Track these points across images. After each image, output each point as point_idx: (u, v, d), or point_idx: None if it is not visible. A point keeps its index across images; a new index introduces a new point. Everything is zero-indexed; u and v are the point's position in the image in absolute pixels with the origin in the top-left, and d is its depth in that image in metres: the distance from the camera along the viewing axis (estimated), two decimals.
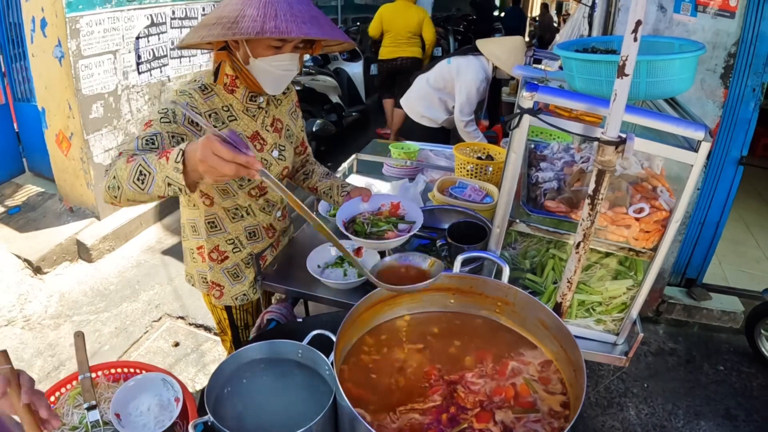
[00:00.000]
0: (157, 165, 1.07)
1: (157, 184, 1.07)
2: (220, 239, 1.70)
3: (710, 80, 2.83)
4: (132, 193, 1.12)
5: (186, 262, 1.85)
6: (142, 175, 1.09)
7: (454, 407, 1.05)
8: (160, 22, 4.15)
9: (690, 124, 1.18)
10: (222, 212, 1.66)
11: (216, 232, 1.68)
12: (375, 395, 1.09)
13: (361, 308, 1.19)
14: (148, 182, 1.09)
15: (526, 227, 1.38)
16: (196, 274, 1.81)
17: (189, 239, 1.77)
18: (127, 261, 3.88)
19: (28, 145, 4.37)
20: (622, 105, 0.99)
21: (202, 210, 1.65)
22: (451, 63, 3.52)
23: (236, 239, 1.72)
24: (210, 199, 1.62)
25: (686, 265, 3.49)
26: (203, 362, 2.94)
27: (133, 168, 1.11)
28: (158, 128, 1.34)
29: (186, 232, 1.76)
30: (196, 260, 1.78)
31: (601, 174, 1.05)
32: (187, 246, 1.80)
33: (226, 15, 1.34)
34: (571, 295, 1.27)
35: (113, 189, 1.15)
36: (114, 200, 1.18)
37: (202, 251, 1.73)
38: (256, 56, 1.42)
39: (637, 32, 0.96)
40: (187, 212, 1.72)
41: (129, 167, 1.11)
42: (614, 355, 1.47)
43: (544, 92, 1.18)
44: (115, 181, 1.15)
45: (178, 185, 1.04)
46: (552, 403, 1.08)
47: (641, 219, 1.29)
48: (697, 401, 2.82)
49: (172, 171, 1.04)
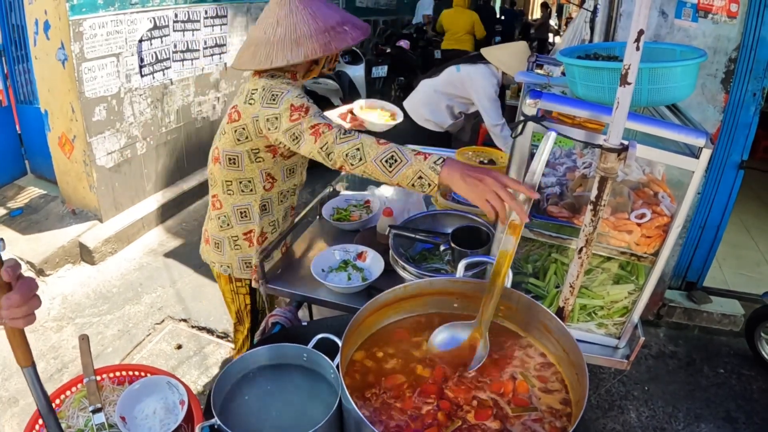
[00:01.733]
0: (413, 158, 1.31)
1: (406, 173, 1.31)
2: (265, 222, 1.88)
3: (711, 85, 2.84)
4: (373, 169, 1.35)
5: (218, 252, 1.94)
6: (394, 160, 1.32)
7: (449, 403, 1.07)
8: (162, 25, 4.17)
9: (691, 131, 1.20)
10: (276, 195, 1.87)
11: (265, 214, 1.87)
12: (381, 399, 1.10)
13: (365, 312, 1.20)
14: (397, 168, 1.32)
15: (528, 232, 1.39)
16: (238, 261, 1.92)
17: (234, 227, 1.88)
18: (130, 263, 3.90)
19: (30, 148, 4.38)
20: (624, 113, 1.01)
21: (258, 194, 1.82)
22: (461, 71, 3.53)
23: (276, 221, 1.92)
24: (272, 182, 1.81)
25: (687, 268, 3.51)
26: (206, 365, 2.95)
27: (386, 151, 1.34)
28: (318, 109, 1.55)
29: (230, 220, 1.87)
30: (241, 247, 1.90)
31: (604, 181, 1.06)
32: (228, 234, 1.89)
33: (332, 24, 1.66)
34: (573, 300, 1.28)
35: (353, 158, 1.37)
36: (348, 166, 1.39)
37: (251, 236, 1.88)
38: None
39: (640, 41, 0.97)
40: (238, 199, 1.83)
41: (381, 148, 1.35)
42: (615, 358, 1.48)
43: (548, 99, 1.20)
44: (359, 153, 1.36)
45: (429, 181, 1.29)
46: (552, 403, 1.09)
47: (643, 224, 1.30)
48: (697, 404, 2.83)
49: (428, 169, 1.28)
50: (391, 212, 1.85)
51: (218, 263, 1.96)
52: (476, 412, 1.04)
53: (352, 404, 0.95)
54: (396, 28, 9.52)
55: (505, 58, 3.35)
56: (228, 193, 1.83)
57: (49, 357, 2.90)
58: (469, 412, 1.05)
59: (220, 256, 1.94)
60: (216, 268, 1.99)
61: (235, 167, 1.76)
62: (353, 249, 1.83)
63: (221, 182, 1.82)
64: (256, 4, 5.33)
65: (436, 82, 3.68)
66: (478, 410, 1.05)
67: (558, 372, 1.17)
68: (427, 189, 1.30)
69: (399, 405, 1.07)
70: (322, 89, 5.77)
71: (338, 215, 2.13)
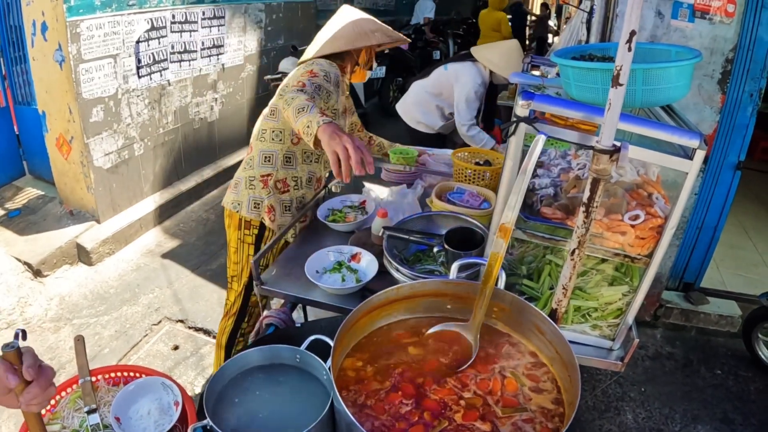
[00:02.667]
0: (314, 111, 1.56)
1: (302, 120, 1.55)
2: (288, 174, 2.12)
3: (708, 86, 2.84)
4: (290, 114, 1.62)
5: (235, 191, 2.16)
6: (303, 109, 1.58)
7: (437, 403, 1.07)
8: (160, 26, 4.17)
9: (685, 133, 1.20)
10: (300, 153, 2.12)
11: (288, 167, 2.11)
12: (372, 400, 1.09)
13: (358, 314, 1.20)
14: (302, 115, 1.56)
15: (522, 234, 1.39)
16: (248, 200, 2.12)
17: (255, 168, 2.11)
18: (127, 264, 3.90)
19: (28, 148, 4.38)
20: (616, 114, 1.01)
21: (286, 145, 2.08)
22: (448, 69, 3.54)
23: (300, 179, 2.15)
24: (300, 138, 2.02)
25: (684, 269, 3.51)
26: (202, 366, 2.95)
27: (303, 103, 1.61)
28: (321, 82, 1.88)
29: (254, 162, 2.11)
30: (255, 187, 2.11)
31: (596, 182, 1.06)
32: (248, 175, 2.12)
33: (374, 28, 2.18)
34: (566, 302, 1.28)
35: (286, 102, 1.66)
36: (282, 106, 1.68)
37: (268, 179, 2.09)
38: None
39: (632, 42, 0.97)
40: (267, 145, 2.10)
41: (302, 102, 1.61)
42: (610, 360, 1.48)
43: (540, 101, 1.19)
44: (291, 101, 1.64)
45: (312, 130, 1.50)
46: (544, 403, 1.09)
47: (637, 226, 1.30)
48: (694, 405, 2.83)
49: (315, 123, 1.50)
50: (385, 213, 1.85)
51: (231, 202, 2.16)
52: (464, 413, 1.04)
53: (342, 406, 0.95)
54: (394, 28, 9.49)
55: (495, 58, 3.35)
56: (261, 140, 2.11)
57: (47, 358, 2.90)
58: (458, 412, 1.05)
59: (235, 194, 2.16)
60: (228, 207, 2.18)
61: (273, 118, 2.08)
62: (347, 250, 1.83)
63: (259, 131, 2.12)
64: (253, 5, 5.34)
65: (426, 83, 3.68)
66: (466, 411, 1.05)
67: (550, 372, 1.17)
68: (309, 137, 1.52)
69: (389, 406, 1.07)
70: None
71: (333, 216, 2.13)
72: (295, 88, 1.74)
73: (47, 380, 0.90)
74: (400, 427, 1.03)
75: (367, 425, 1.03)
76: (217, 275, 3.72)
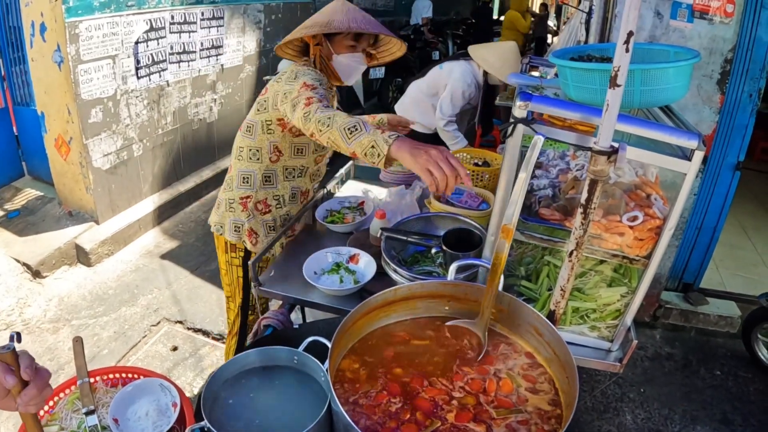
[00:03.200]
0: (372, 129, 1.40)
1: (362, 141, 1.38)
2: (269, 193, 2.02)
3: (707, 86, 2.84)
4: (336, 136, 1.43)
5: (218, 212, 2.09)
6: (355, 128, 1.41)
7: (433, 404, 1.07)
8: (159, 27, 4.17)
9: (683, 133, 1.19)
10: (281, 170, 2.01)
11: (268, 186, 2.01)
12: (370, 402, 1.09)
13: (356, 315, 1.19)
14: (356, 136, 1.40)
15: (520, 235, 1.38)
16: (229, 223, 2.04)
17: (234, 190, 2.02)
18: (126, 265, 3.89)
19: (27, 149, 4.38)
20: (614, 115, 1.01)
21: (264, 164, 1.97)
22: (443, 68, 3.55)
23: (282, 197, 2.04)
24: (279, 155, 1.96)
25: (683, 269, 3.51)
26: (201, 366, 2.94)
27: (351, 121, 1.43)
28: (323, 92, 1.69)
29: (233, 183, 2.02)
30: (235, 210, 2.03)
31: (594, 184, 1.06)
32: (227, 197, 2.04)
33: (320, 21, 1.85)
34: (564, 303, 1.27)
35: (323, 124, 1.47)
36: (316, 132, 1.50)
37: (247, 201, 2.01)
38: (338, 53, 1.93)
39: (629, 43, 0.97)
40: (245, 164, 1.99)
41: (348, 120, 1.44)
42: (608, 361, 1.48)
43: (538, 102, 1.19)
44: (329, 120, 1.46)
45: (380, 151, 1.35)
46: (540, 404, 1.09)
47: (635, 227, 1.30)
48: (693, 406, 2.83)
49: (381, 141, 1.35)
50: (383, 215, 1.85)
51: (214, 223, 2.11)
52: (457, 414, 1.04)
53: (340, 408, 0.95)
54: (393, 29, 9.51)
55: (491, 58, 3.35)
56: (238, 159, 2.01)
57: (45, 359, 2.89)
58: (450, 412, 1.05)
59: (218, 215, 2.09)
60: (213, 228, 2.12)
61: (249, 135, 1.96)
62: (346, 251, 1.82)
63: (236, 148, 2.02)
64: (252, 6, 5.33)
65: (422, 83, 3.69)
66: (459, 413, 1.05)
67: (548, 374, 1.16)
68: (376, 159, 1.35)
69: (386, 408, 1.07)
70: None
71: (331, 217, 2.13)
72: (316, 105, 1.56)
73: (44, 381, 0.90)
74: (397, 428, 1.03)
75: (364, 426, 1.02)
76: (216, 276, 3.71)
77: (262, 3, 5.48)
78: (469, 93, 3.48)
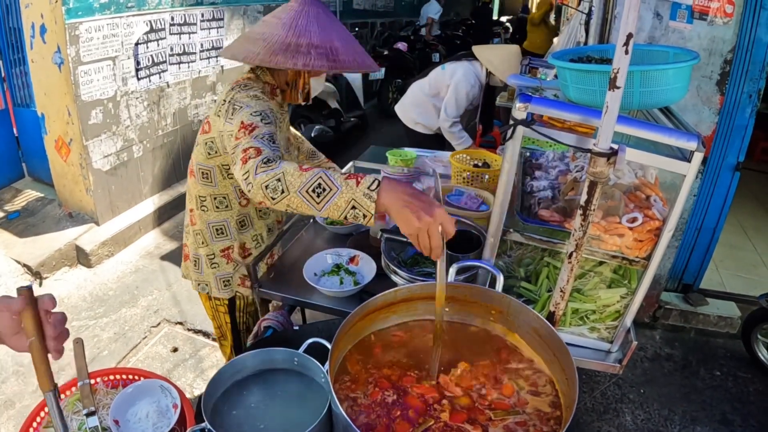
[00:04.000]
0: (343, 184, 1.09)
1: (337, 203, 1.09)
2: (247, 236, 1.83)
3: (706, 87, 2.84)
4: (300, 202, 1.12)
5: (196, 270, 1.85)
6: (322, 189, 1.10)
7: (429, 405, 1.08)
8: (159, 29, 4.17)
9: (682, 135, 1.20)
10: (254, 211, 1.81)
11: (245, 230, 1.81)
12: (369, 403, 1.09)
13: (356, 317, 1.20)
14: (327, 197, 1.09)
15: (519, 237, 1.39)
16: (216, 280, 1.84)
17: (210, 245, 1.78)
18: (126, 266, 3.89)
19: (27, 151, 4.39)
20: (613, 117, 1.01)
21: (235, 210, 1.75)
22: (446, 69, 3.56)
23: (259, 235, 1.86)
24: (248, 198, 1.72)
25: (683, 270, 3.50)
26: (201, 368, 2.94)
27: (311, 179, 1.11)
28: (268, 129, 1.36)
29: (205, 238, 1.78)
30: (218, 264, 1.82)
31: (593, 185, 1.06)
32: (205, 252, 1.80)
33: (316, 43, 1.51)
34: (564, 304, 1.28)
35: (274, 191, 1.13)
36: (268, 200, 1.16)
37: (229, 252, 1.81)
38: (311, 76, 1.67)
39: (629, 45, 0.97)
40: (213, 215, 1.74)
41: (305, 176, 1.12)
42: (608, 362, 1.48)
43: (537, 103, 1.20)
44: (280, 184, 1.13)
45: (365, 211, 1.07)
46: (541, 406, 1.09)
47: (634, 228, 1.30)
48: (693, 406, 2.83)
49: (362, 196, 1.07)
50: (384, 216, 1.85)
51: (196, 281, 1.89)
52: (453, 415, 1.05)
53: (340, 409, 0.95)
54: (393, 30, 9.53)
55: (495, 60, 3.37)
56: (203, 209, 1.75)
57: None
58: (444, 411, 1.06)
59: (198, 273, 1.86)
60: (193, 286, 1.91)
61: (209, 182, 1.69)
62: (346, 253, 1.83)
63: (195, 197, 1.74)
64: (252, 7, 5.34)
65: (423, 83, 3.69)
66: (454, 414, 1.05)
67: (547, 376, 1.17)
68: (362, 220, 1.09)
69: (387, 409, 1.07)
70: (319, 92, 5.77)
71: (330, 220, 2.13)
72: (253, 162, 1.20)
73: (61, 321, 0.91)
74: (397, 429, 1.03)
75: (364, 427, 1.03)
76: None
77: (261, 4, 5.48)
78: (472, 94, 3.49)
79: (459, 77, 3.46)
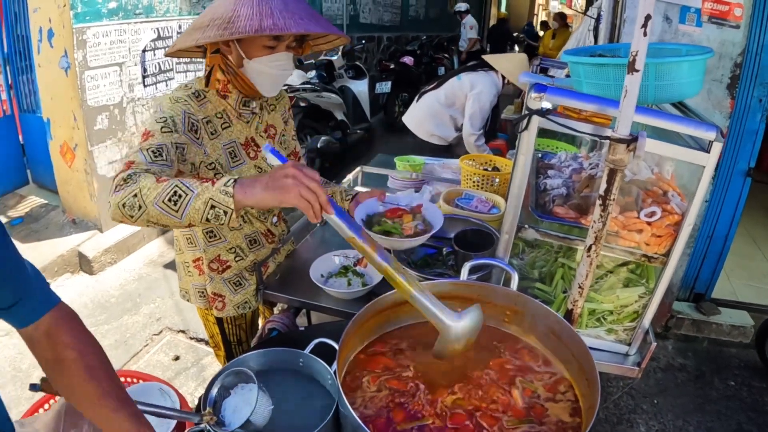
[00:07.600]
0: (199, 187, 1.05)
1: (195, 206, 1.04)
2: (220, 249, 1.64)
3: (717, 91, 2.81)
4: (158, 214, 1.06)
5: (180, 276, 1.79)
6: (177, 195, 1.05)
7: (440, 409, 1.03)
8: (166, 36, 4.18)
9: (701, 125, 1.16)
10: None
11: (215, 241, 1.63)
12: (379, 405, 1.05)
13: (365, 316, 1.15)
14: (184, 203, 1.05)
15: (535, 233, 1.34)
16: (192, 289, 1.75)
17: (184, 252, 1.70)
18: (129, 274, 3.86)
19: (32, 157, 4.37)
20: (632, 102, 0.97)
21: None
22: (462, 79, 3.53)
23: (237, 248, 1.66)
24: None
25: (695, 279, 3.44)
26: (203, 376, 2.89)
27: (166, 188, 1.06)
28: (161, 139, 1.27)
29: (180, 245, 1.70)
30: (192, 274, 1.72)
31: (613, 173, 1.02)
32: (181, 260, 1.74)
33: (220, 16, 1.31)
34: (582, 302, 1.23)
35: (131, 208, 1.07)
36: (127, 219, 1.09)
37: (200, 263, 1.67)
38: (250, 58, 1.40)
39: (647, 27, 0.94)
40: None
41: (160, 187, 1.06)
42: (626, 366, 1.42)
43: (553, 93, 1.16)
44: (136, 200, 1.06)
45: (225, 208, 1.03)
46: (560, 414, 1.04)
47: (653, 223, 1.26)
48: (707, 417, 2.75)
49: (219, 193, 1.03)
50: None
51: (180, 289, 1.83)
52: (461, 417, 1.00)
53: (350, 410, 0.90)
54: (400, 44, 9.58)
55: (509, 66, 3.36)
56: None
57: None
58: (453, 416, 1.01)
59: (180, 280, 1.81)
60: (179, 295, 1.85)
61: None
62: (353, 254, 1.78)
63: None
64: None
65: (438, 93, 3.64)
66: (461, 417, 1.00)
67: (566, 379, 1.11)
68: (224, 218, 1.04)
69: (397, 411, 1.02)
70: (326, 103, 5.76)
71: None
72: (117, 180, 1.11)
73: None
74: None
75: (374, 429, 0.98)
76: None
77: None
78: (494, 103, 3.49)
79: (481, 90, 3.44)
